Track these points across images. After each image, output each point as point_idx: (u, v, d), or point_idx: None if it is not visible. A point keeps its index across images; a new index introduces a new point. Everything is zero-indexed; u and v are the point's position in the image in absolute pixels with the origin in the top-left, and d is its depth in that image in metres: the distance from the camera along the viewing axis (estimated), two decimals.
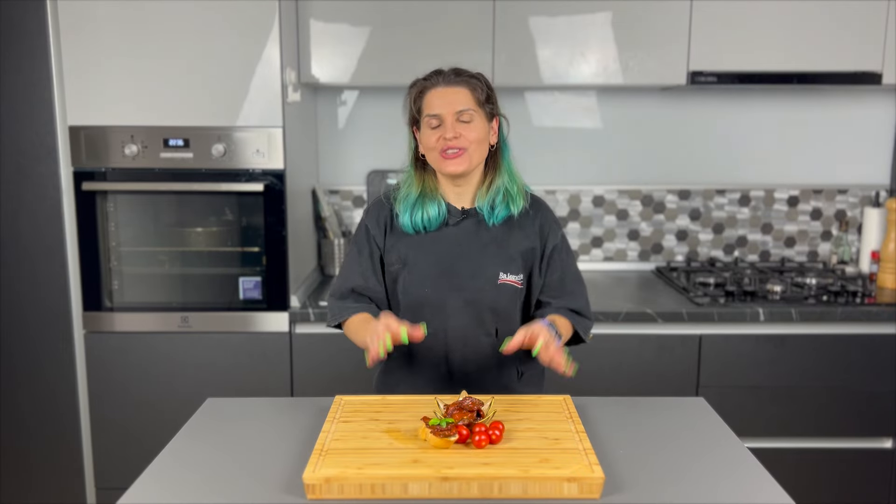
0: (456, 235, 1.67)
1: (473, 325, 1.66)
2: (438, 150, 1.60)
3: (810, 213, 3.06)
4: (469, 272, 1.65)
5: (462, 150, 1.60)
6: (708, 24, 2.58)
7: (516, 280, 1.67)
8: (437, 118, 1.60)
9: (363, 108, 3.00)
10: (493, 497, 1.25)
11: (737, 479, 1.33)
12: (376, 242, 1.70)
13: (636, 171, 3.05)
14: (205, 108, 2.37)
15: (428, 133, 1.62)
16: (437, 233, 1.67)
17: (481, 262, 1.66)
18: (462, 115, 1.60)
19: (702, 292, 2.59)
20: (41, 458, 2.53)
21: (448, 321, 1.66)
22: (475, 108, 1.61)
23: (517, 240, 1.68)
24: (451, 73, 1.64)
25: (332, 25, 2.58)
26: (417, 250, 1.67)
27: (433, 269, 1.66)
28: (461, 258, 1.66)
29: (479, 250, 1.66)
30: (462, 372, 1.69)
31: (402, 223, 1.67)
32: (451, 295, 1.65)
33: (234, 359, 2.47)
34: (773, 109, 3.01)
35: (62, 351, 2.47)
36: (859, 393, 2.51)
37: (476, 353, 1.68)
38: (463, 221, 1.68)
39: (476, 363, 1.68)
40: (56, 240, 2.42)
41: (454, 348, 1.67)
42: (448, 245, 1.67)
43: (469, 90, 1.61)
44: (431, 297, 1.65)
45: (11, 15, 2.30)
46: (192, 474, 1.36)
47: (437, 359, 1.69)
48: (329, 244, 2.89)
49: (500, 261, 1.66)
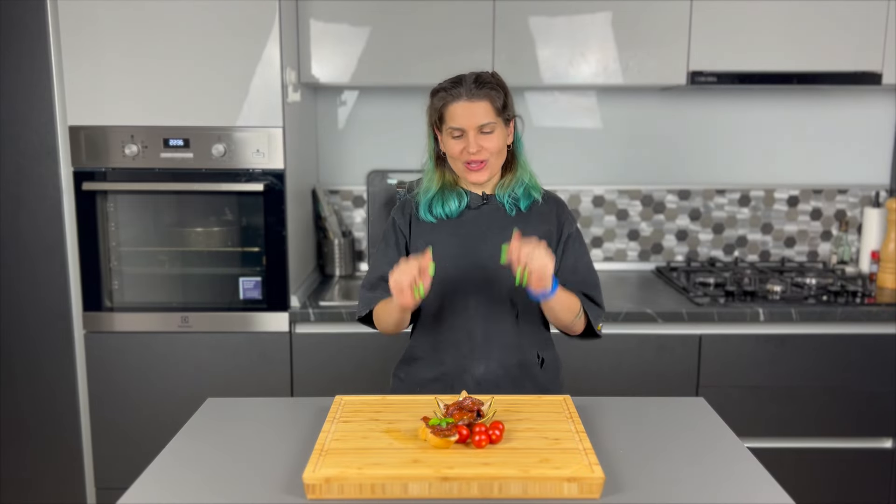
0: (477, 218, 1.75)
1: (495, 303, 1.73)
2: (462, 161, 1.69)
3: (810, 213, 3.06)
4: (490, 252, 1.70)
5: (484, 162, 1.69)
6: (708, 24, 2.58)
7: None
8: (460, 130, 1.67)
9: (363, 108, 3.00)
10: (493, 497, 1.25)
11: (737, 479, 1.33)
12: (402, 232, 1.78)
13: (636, 171, 3.05)
14: (205, 108, 2.37)
15: (451, 142, 1.69)
16: (460, 217, 1.75)
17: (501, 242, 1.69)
18: (484, 128, 1.67)
19: (702, 292, 2.59)
20: (41, 458, 2.53)
21: (470, 298, 1.72)
22: (495, 119, 1.68)
23: (535, 224, 1.75)
24: (472, 83, 1.68)
25: (332, 25, 2.58)
26: (441, 234, 1.74)
27: (456, 248, 1.73)
28: (482, 239, 1.73)
29: (499, 231, 1.72)
30: (485, 351, 1.72)
31: (423, 213, 1.75)
32: (473, 272, 1.72)
33: (234, 359, 2.47)
34: (773, 109, 3.01)
35: (62, 351, 2.47)
36: (859, 393, 2.51)
37: (499, 330, 1.73)
38: (483, 206, 1.76)
39: (499, 342, 1.73)
40: (56, 240, 2.42)
41: (476, 325, 1.73)
42: (469, 227, 1.74)
43: (489, 102, 1.67)
44: (454, 276, 1.71)
45: (11, 15, 2.30)
46: (192, 474, 1.36)
47: (461, 335, 1.73)
48: (329, 244, 2.89)
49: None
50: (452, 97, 1.68)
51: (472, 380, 1.72)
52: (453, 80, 1.71)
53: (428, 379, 1.76)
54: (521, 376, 1.74)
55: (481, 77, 1.70)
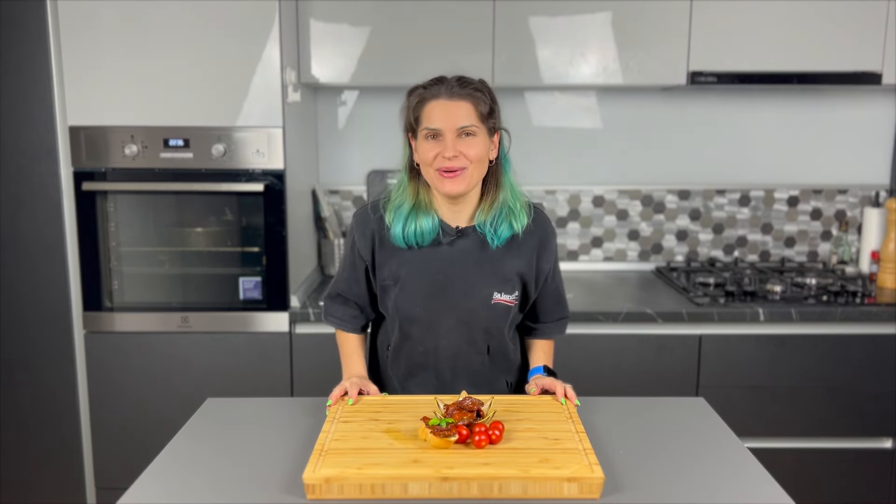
0: (450, 254, 1.60)
1: (465, 344, 1.65)
2: (436, 167, 1.52)
3: (810, 213, 3.06)
4: (462, 292, 1.60)
5: (461, 170, 1.51)
6: (708, 24, 2.58)
7: (509, 299, 1.63)
8: (436, 132, 1.51)
9: (363, 108, 3.00)
10: (493, 497, 1.25)
11: (737, 479, 1.33)
12: (362, 256, 1.65)
13: (636, 171, 3.05)
14: (205, 108, 2.37)
15: (425, 146, 1.53)
16: (431, 251, 1.60)
17: (475, 282, 1.61)
18: (463, 131, 1.51)
19: (702, 292, 2.59)
20: (41, 458, 2.53)
21: (440, 340, 1.64)
22: (477, 124, 1.52)
23: (513, 259, 1.62)
24: (454, 82, 1.53)
25: (332, 25, 2.58)
26: (410, 268, 1.60)
27: (425, 288, 1.60)
28: (455, 278, 1.60)
29: (474, 270, 1.60)
30: (453, 388, 1.68)
31: (393, 235, 1.59)
32: (443, 314, 1.62)
33: (234, 359, 2.47)
34: (773, 109, 3.01)
35: (62, 351, 2.47)
36: (859, 393, 2.51)
37: (467, 370, 1.67)
38: (457, 240, 1.61)
39: (467, 380, 1.68)
40: (56, 240, 2.42)
41: (445, 366, 1.67)
42: (441, 264, 1.60)
43: (472, 104, 1.52)
44: (422, 317, 1.62)
45: (11, 15, 2.30)
46: (192, 474, 1.36)
47: (428, 375, 1.68)
48: (329, 244, 2.89)
49: (495, 281, 1.61)
50: (431, 95, 1.52)
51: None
52: (433, 79, 1.55)
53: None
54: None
55: (465, 78, 1.54)
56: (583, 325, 2.41)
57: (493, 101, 1.57)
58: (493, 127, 1.57)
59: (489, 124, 1.55)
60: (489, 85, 1.59)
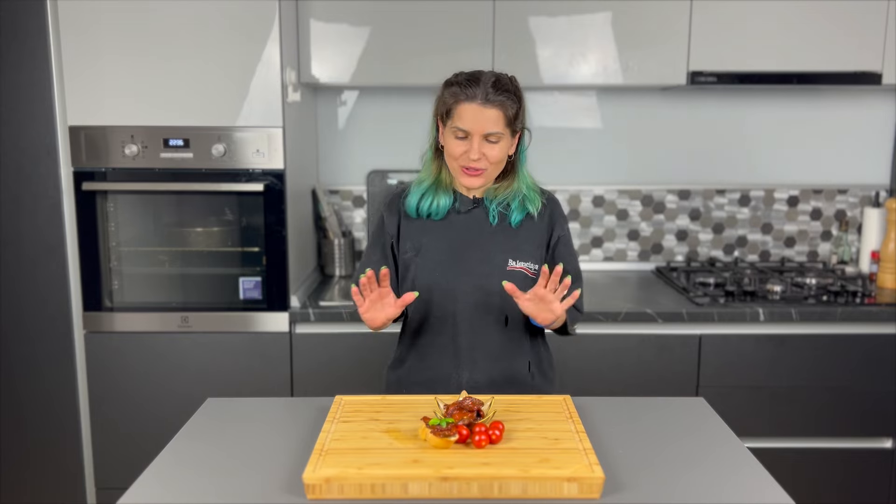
0: (467, 223, 1.72)
1: (482, 311, 1.69)
2: (460, 163, 1.65)
3: (810, 213, 3.06)
4: (478, 258, 1.69)
5: (482, 171, 1.65)
6: (708, 24, 2.58)
7: (527, 268, 1.70)
8: (465, 133, 1.62)
9: (363, 108, 3.00)
10: (493, 497, 1.25)
11: (737, 479, 1.33)
12: (388, 232, 1.75)
13: (636, 171, 3.05)
14: (205, 108, 2.37)
15: (453, 142, 1.64)
16: (448, 220, 1.71)
17: (490, 249, 1.70)
18: (490, 137, 1.62)
19: (702, 292, 2.59)
20: (41, 458, 2.53)
21: (457, 305, 1.69)
22: (503, 130, 1.63)
23: (526, 229, 1.72)
24: (489, 86, 1.60)
25: (332, 25, 2.58)
26: (430, 237, 1.71)
27: (444, 255, 1.70)
28: (471, 245, 1.70)
29: (488, 238, 1.70)
30: (471, 359, 1.70)
31: (407, 204, 1.72)
32: (461, 280, 1.69)
33: (234, 359, 2.47)
34: (773, 109, 3.01)
35: (62, 351, 2.47)
36: (859, 393, 2.51)
37: (485, 340, 1.70)
38: (474, 210, 1.72)
39: (485, 350, 1.71)
40: (56, 240, 2.42)
41: (463, 332, 1.70)
42: (458, 232, 1.71)
43: (502, 112, 1.61)
44: (441, 282, 1.69)
45: (11, 15, 2.30)
46: (192, 474, 1.36)
47: (446, 342, 1.71)
48: (329, 244, 2.89)
49: (510, 248, 1.70)
50: (466, 97, 1.61)
51: (457, 386, 1.70)
52: (470, 77, 1.63)
53: (415, 382, 1.75)
54: (507, 384, 1.71)
55: (500, 81, 1.62)
56: (583, 325, 2.40)
57: (520, 102, 1.67)
58: (516, 129, 1.68)
59: (514, 127, 1.67)
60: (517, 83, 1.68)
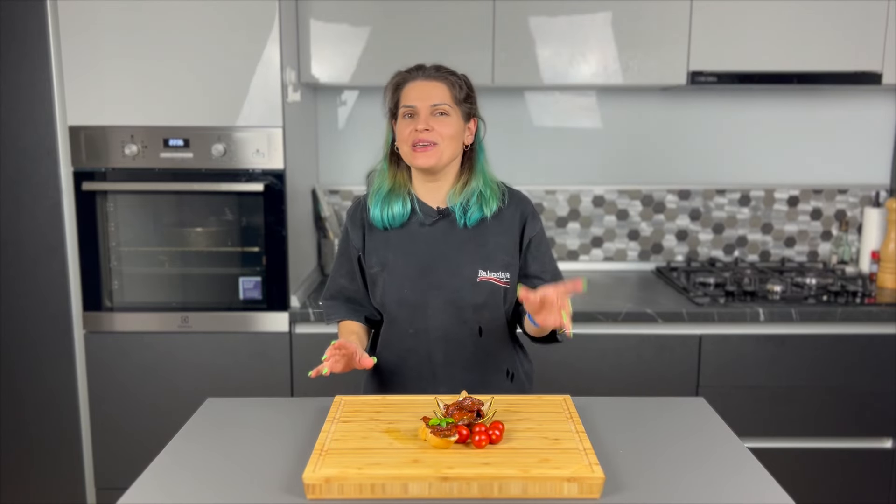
0: (433, 235, 1.66)
1: (455, 325, 1.66)
2: (410, 142, 1.60)
3: (810, 213, 3.06)
4: (447, 271, 1.65)
5: (432, 145, 1.59)
6: (708, 24, 2.58)
7: (497, 277, 1.65)
8: (412, 109, 1.61)
9: (363, 108, 3.00)
10: (493, 497, 1.25)
11: (737, 479, 1.33)
12: (354, 245, 1.71)
13: (636, 171, 3.05)
14: (205, 108, 2.37)
15: (402, 125, 1.62)
16: (415, 233, 1.66)
17: (459, 261, 1.65)
18: (437, 109, 1.60)
19: (702, 292, 2.59)
20: (41, 458, 2.53)
21: (429, 321, 1.66)
22: (451, 105, 1.62)
23: (495, 236, 1.67)
24: (431, 68, 1.66)
25: (332, 25, 2.58)
26: (396, 252, 1.66)
27: (412, 269, 1.65)
28: (439, 258, 1.65)
29: (456, 249, 1.65)
30: (447, 373, 1.68)
31: (372, 216, 1.68)
32: (431, 294, 1.65)
33: (234, 359, 2.47)
34: (773, 109, 3.01)
35: (62, 351, 2.47)
36: (859, 393, 2.51)
37: (460, 352, 1.68)
38: (439, 221, 1.67)
39: (461, 363, 1.68)
40: (56, 240, 2.42)
41: (437, 348, 1.67)
42: (426, 245, 1.66)
43: (447, 86, 1.62)
44: (410, 298, 1.65)
45: (11, 15, 2.30)
46: (192, 474, 1.36)
47: (421, 359, 1.69)
48: (329, 244, 2.89)
49: (479, 258, 1.65)
50: (409, 78, 1.65)
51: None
52: (413, 66, 1.68)
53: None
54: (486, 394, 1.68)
55: (444, 66, 1.67)
56: (583, 325, 2.41)
57: (469, 90, 1.67)
58: (468, 112, 1.65)
59: (464, 108, 1.64)
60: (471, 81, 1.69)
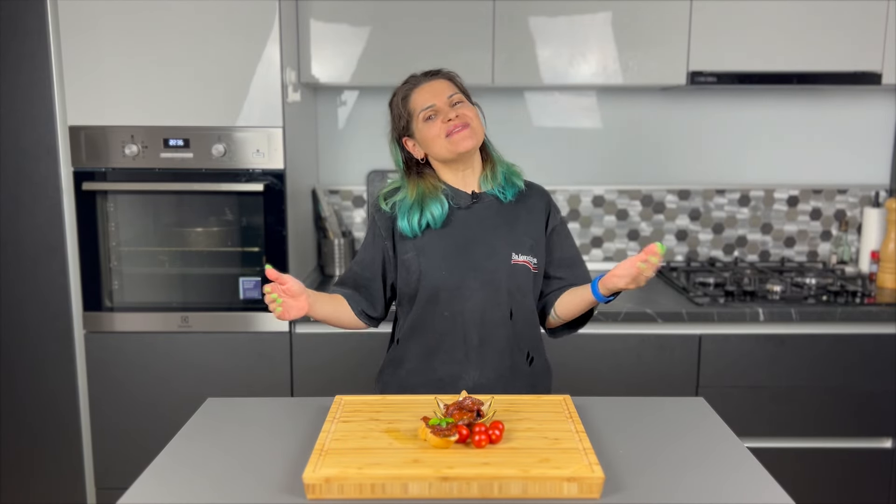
0: (467, 219, 1.70)
1: (490, 307, 1.68)
2: (444, 133, 1.64)
3: (810, 213, 3.06)
4: (484, 253, 1.68)
5: (466, 126, 1.64)
6: (708, 24, 2.58)
7: (528, 261, 1.70)
8: (432, 109, 1.66)
9: (363, 108, 3.00)
10: (493, 497, 1.25)
11: (737, 479, 1.33)
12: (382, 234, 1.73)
13: (636, 171, 3.05)
14: (205, 108, 2.37)
15: (428, 126, 1.66)
16: (450, 217, 1.70)
17: (494, 244, 1.69)
18: (452, 100, 1.67)
19: (702, 292, 2.59)
20: (41, 458, 2.53)
21: (466, 303, 1.68)
22: (460, 94, 1.70)
23: (524, 221, 1.73)
24: (425, 73, 1.73)
25: (332, 25, 2.58)
26: (432, 235, 1.69)
27: (449, 250, 1.68)
28: (475, 240, 1.69)
29: (491, 231, 1.70)
30: (480, 356, 1.70)
31: (401, 227, 1.69)
32: (468, 276, 1.68)
33: (234, 359, 2.47)
34: (773, 109, 3.01)
35: (62, 351, 2.47)
36: (859, 393, 2.51)
37: (494, 334, 1.70)
38: (474, 205, 1.72)
39: (494, 346, 1.70)
40: (56, 240, 2.42)
41: (472, 330, 1.69)
42: (461, 228, 1.70)
43: (449, 81, 1.71)
44: (448, 280, 1.68)
45: (11, 15, 2.30)
46: (192, 474, 1.36)
47: (456, 342, 1.70)
48: (329, 244, 2.89)
49: (511, 241, 1.70)
50: (413, 86, 1.70)
51: (466, 387, 1.69)
52: (407, 78, 1.74)
53: (416, 384, 1.72)
54: (512, 377, 1.72)
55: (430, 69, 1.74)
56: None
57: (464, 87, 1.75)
58: (471, 100, 1.73)
59: (469, 97, 1.72)
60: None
